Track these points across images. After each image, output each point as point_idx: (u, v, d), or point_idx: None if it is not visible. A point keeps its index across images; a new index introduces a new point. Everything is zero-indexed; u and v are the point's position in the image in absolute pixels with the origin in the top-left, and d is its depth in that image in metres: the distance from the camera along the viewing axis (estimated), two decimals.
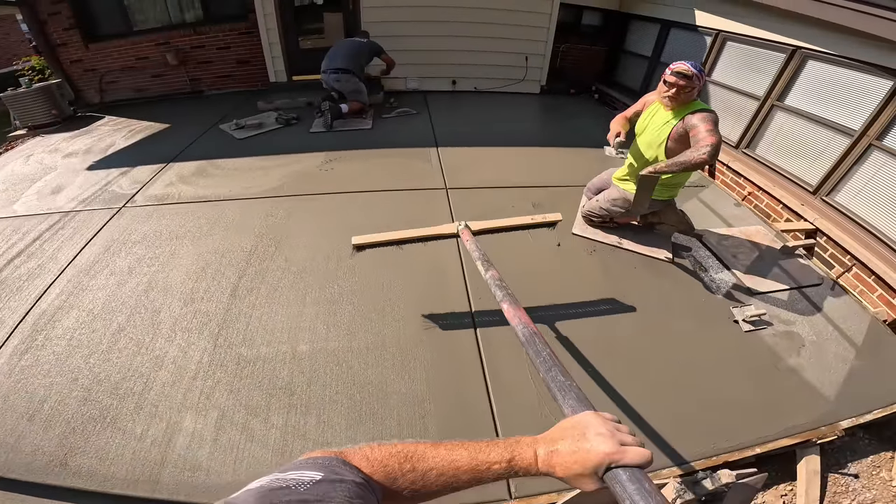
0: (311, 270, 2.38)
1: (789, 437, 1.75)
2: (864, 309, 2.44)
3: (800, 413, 1.83)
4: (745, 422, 1.77)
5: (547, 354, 0.83)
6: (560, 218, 2.34)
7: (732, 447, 1.68)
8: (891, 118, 2.61)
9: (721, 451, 1.66)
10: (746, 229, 2.99)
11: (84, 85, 5.37)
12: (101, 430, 1.59)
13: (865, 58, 2.74)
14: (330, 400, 1.75)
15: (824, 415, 1.83)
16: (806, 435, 1.76)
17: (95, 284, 2.28)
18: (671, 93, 2.13)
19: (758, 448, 1.69)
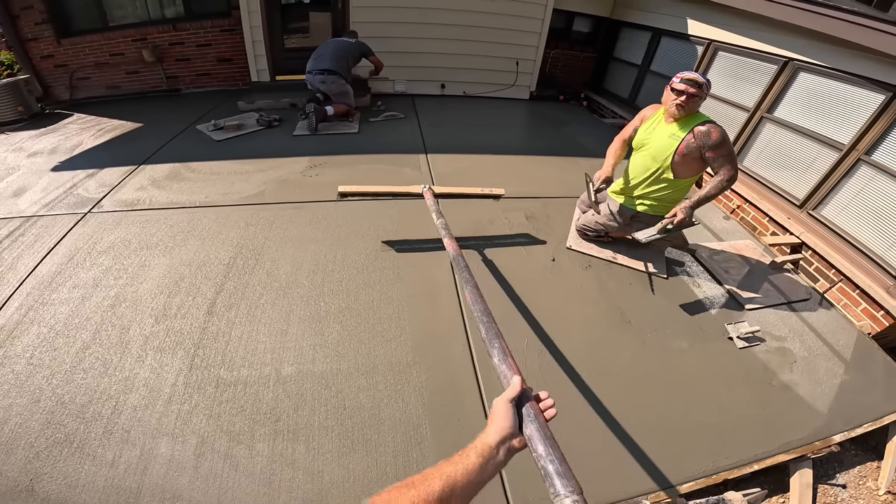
0: (296, 285, 2.25)
1: (785, 452, 1.78)
2: (850, 324, 2.49)
3: (795, 429, 1.85)
4: (743, 439, 1.78)
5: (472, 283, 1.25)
6: (503, 192, 2.65)
7: (731, 465, 1.69)
8: (881, 133, 2.65)
9: (721, 469, 1.67)
10: (736, 243, 3.00)
11: (54, 81, 5.08)
12: (69, 456, 1.48)
13: (858, 71, 2.77)
14: (319, 426, 1.64)
15: (818, 430, 1.87)
16: (801, 450, 1.80)
17: (57, 298, 2.09)
18: (681, 100, 2.08)
19: (756, 465, 1.72)
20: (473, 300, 1.12)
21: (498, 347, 0.89)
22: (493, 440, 0.64)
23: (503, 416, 0.68)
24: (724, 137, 2.08)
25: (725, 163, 2.11)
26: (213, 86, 5.44)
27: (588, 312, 2.29)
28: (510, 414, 0.69)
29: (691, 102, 2.09)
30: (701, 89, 2.07)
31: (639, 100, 5.19)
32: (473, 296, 1.14)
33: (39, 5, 4.59)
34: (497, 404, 0.71)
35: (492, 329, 0.92)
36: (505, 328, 2.06)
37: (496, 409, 0.70)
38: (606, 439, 1.71)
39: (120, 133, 4.11)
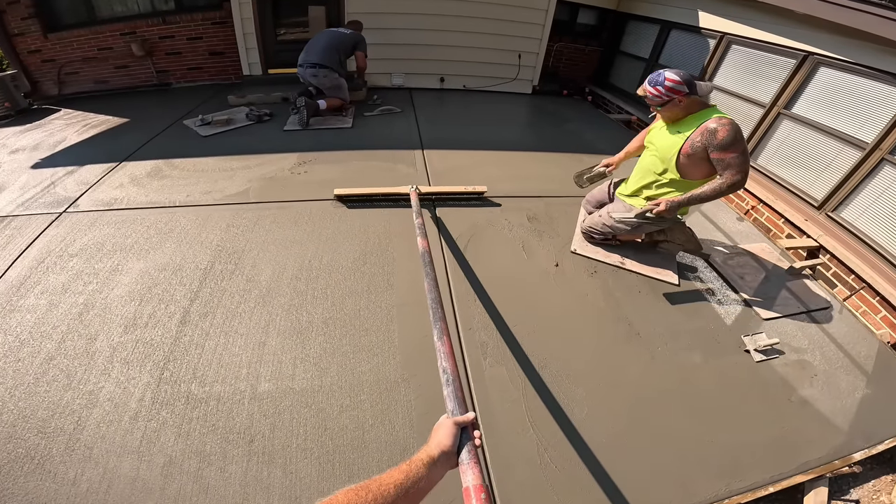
0: (277, 293, 2.09)
1: (803, 473, 1.66)
2: (872, 334, 2.35)
3: (813, 447, 1.73)
4: (760, 460, 1.66)
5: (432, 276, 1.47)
6: (485, 189, 2.91)
7: (746, 487, 1.57)
8: None
9: (734, 493, 1.55)
10: (751, 247, 2.83)
11: (41, 76, 4.96)
12: (30, 472, 1.40)
13: (885, 66, 2.60)
14: (298, 448, 1.50)
15: (838, 448, 1.75)
16: (819, 470, 1.68)
17: (24, 305, 1.95)
18: (652, 107, 2.02)
19: (771, 487, 1.60)
20: (429, 289, 1.32)
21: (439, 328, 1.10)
22: (435, 453, 0.71)
23: (448, 434, 0.75)
24: (733, 138, 1.85)
25: (731, 167, 1.89)
26: (205, 80, 5.30)
27: (593, 323, 2.12)
28: (454, 434, 0.76)
29: (663, 105, 1.96)
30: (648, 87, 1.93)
31: None
32: (429, 286, 1.34)
33: (26, 0, 4.47)
34: (445, 422, 0.79)
35: (437, 313, 1.16)
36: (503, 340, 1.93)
37: (444, 426, 0.77)
38: (611, 460, 1.59)
39: (106, 128, 3.95)
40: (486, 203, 2.91)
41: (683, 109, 1.97)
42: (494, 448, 1.56)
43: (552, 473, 1.51)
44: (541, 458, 1.55)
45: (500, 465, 1.52)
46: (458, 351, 1.88)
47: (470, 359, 1.85)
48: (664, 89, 1.90)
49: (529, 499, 1.45)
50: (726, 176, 1.91)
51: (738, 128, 1.86)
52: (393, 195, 2.74)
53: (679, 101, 1.92)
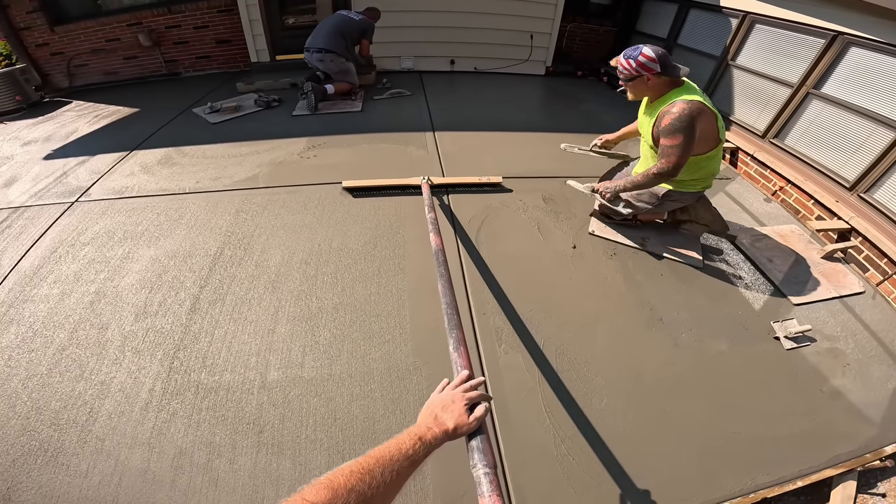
0: (286, 278, 2.06)
1: (833, 467, 1.59)
2: None
3: (845, 441, 1.65)
4: (788, 452, 1.59)
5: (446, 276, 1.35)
6: (500, 180, 2.74)
7: (773, 482, 1.51)
8: None
9: (760, 487, 1.48)
10: (780, 229, 2.69)
11: (51, 69, 4.99)
12: (44, 465, 1.39)
13: None
14: (307, 439, 1.48)
15: (869, 441, 1.66)
16: (850, 464, 1.60)
17: (38, 294, 1.96)
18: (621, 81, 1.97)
19: (799, 481, 1.53)
20: (443, 292, 1.24)
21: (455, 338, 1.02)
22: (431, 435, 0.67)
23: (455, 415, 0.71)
24: (675, 127, 1.80)
25: (665, 155, 1.87)
26: (213, 68, 5.26)
27: (613, 308, 2.03)
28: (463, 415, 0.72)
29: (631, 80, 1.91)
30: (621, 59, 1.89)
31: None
32: (444, 289, 1.26)
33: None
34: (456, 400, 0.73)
35: (453, 320, 1.08)
36: (518, 326, 1.84)
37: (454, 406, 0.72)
38: (630, 452, 1.52)
39: (116, 119, 3.97)
40: (498, 186, 2.80)
41: (651, 89, 1.91)
42: (509, 438, 1.51)
43: (569, 466, 1.46)
44: (557, 450, 1.49)
45: (514, 456, 1.47)
46: (472, 337, 1.82)
47: (484, 345, 1.79)
48: (636, 64, 1.84)
49: (545, 491, 1.40)
50: (659, 163, 1.90)
51: (687, 116, 1.79)
52: (403, 186, 2.66)
53: (647, 80, 1.87)
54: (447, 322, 1.08)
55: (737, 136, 3.80)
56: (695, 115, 1.78)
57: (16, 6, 4.55)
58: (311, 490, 0.49)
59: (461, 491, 1.35)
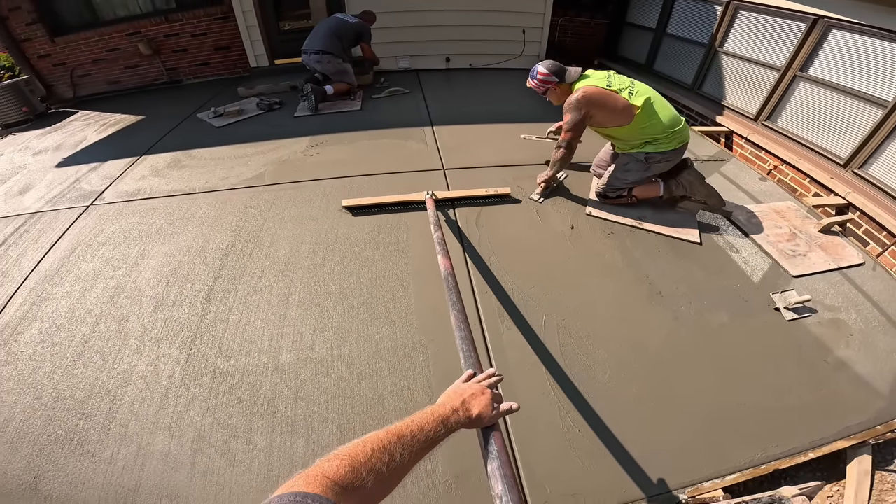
0: (295, 266, 2.13)
1: (844, 438, 1.58)
2: None
3: (854, 412, 1.64)
4: (797, 424, 1.58)
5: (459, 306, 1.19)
6: (509, 191, 2.62)
7: (784, 453, 1.50)
8: None
9: (771, 458, 1.48)
10: (776, 205, 2.72)
11: (55, 80, 5.11)
12: (70, 453, 1.45)
13: None
14: (319, 417, 1.54)
15: (879, 412, 1.64)
16: (861, 436, 1.59)
17: (59, 292, 2.05)
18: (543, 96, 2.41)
19: (811, 453, 1.52)
20: (457, 325, 1.11)
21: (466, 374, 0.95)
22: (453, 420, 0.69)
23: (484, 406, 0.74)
24: (568, 106, 2.22)
25: (564, 127, 2.31)
26: (214, 75, 5.37)
27: (612, 283, 2.08)
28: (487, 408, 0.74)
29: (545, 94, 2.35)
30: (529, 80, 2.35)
31: (657, 64, 4.84)
32: (457, 321, 1.13)
33: (27, 5, 4.58)
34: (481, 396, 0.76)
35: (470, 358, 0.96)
36: (520, 303, 1.90)
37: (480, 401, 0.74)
38: (636, 423, 1.55)
39: (123, 126, 4.08)
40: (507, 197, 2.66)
41: (563, 94, 2.31)
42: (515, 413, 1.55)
43: (575, 437, 1.49)
44: (563, 422, 1.53)
45: (521, 429, 1.51)
46: (475, 316, 1.88)
47: (487, 322, 1.85)
48: (538, 81, 2.29)
49: (552, 463, 1.43)
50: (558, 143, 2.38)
51: (574, 101, 2.21)
52: (406, 202, 2.52)
53: (554, 89, 2.31)
54: (463, 360, 0.96)
55: (730, 119, 3.85)
56: (580, 99, 2.20)
57: (15, 18, 4.64)
58: (331, 465, 0.48)
59: (469, 465, 1.39)
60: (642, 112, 2.19)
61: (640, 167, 2.37)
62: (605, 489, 1.37)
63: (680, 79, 4.44)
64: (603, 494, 1.36)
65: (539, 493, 1.35)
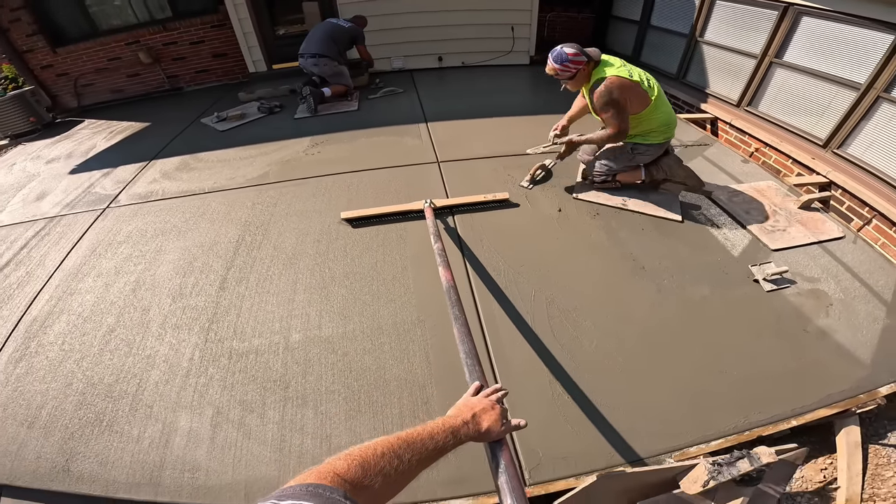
0: (301, 255, 2.28)
1: (827, 406, 1.61)
2: (889, 263, 2.26)
3: (835, 380, 1.68)
4: (778, 392, 1.63)
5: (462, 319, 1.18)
6: (507, 196, 2.61)
7: (766, 420, 1.55)
8: None
9: (754, 425, 1.53)
10: (757, 185, 2.84)
11: (59, 90, 5.25)
12: (100, 434, 1.55)
13: (863, 13, 2.62)
14: (326, 390, 1.66)
15: (861, 381, 1.68)
16: (844, 404, 1.62)
17: (83, 287, 2.20)
18: (559, 80, 2.29)
19: (794, 420, 1.56)
20: (460, 338, 1.10)
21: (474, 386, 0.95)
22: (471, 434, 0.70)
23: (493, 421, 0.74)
24: (605, 99, 2.15)
25: (608, 124, 2.26)
26: (213, 81, 5.51)
27: (598, 260, 2.21)
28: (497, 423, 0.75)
29: (569, 81, 2.26)
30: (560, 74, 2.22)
31: (643, 55, 4.97)
32: (461, 334, 1.12)
33: (27, 17, 4.69)
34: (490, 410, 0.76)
35: (475, 372, 0.96)
36: (510, 280, 2.05)
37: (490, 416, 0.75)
38: (623, 390, 1.63)
39: (130, 133, 4.25)
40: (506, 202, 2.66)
41: (587, 77, 2.25)
42: (507, 382, 1.65)
43: (564, 405, 1.56)
44: (553, 391, 1.61)
45: (513, 398, 1.59)
46: (469, 294, 2.02)
47: (480, 300, 1.98)
48: (571, 63, 2.17)
49: (544, 430, 1.50)
50: (607, 131, 2.30)
51: (604, 91, 2.15)
52: (405, 212, 2.50)
53: (584, 70, 2.20)
54: (468, 373, 0.96)
55: (714, 106, 3.97)
56: (613, 89, 2.14)
57: (16, 30, 4.75)
58: (342, 464, 0.49)
59: None
60: (653, 104, 2.25)
61: (625, 157, 2.49)
62: (594, 453, 1.44)
63: (665, 69, 4.56)
64: (592, 458, 1.43)
65: (532, 457, 1.44)
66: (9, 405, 1.67)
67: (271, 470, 1.44)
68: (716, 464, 1.29)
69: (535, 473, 1.40)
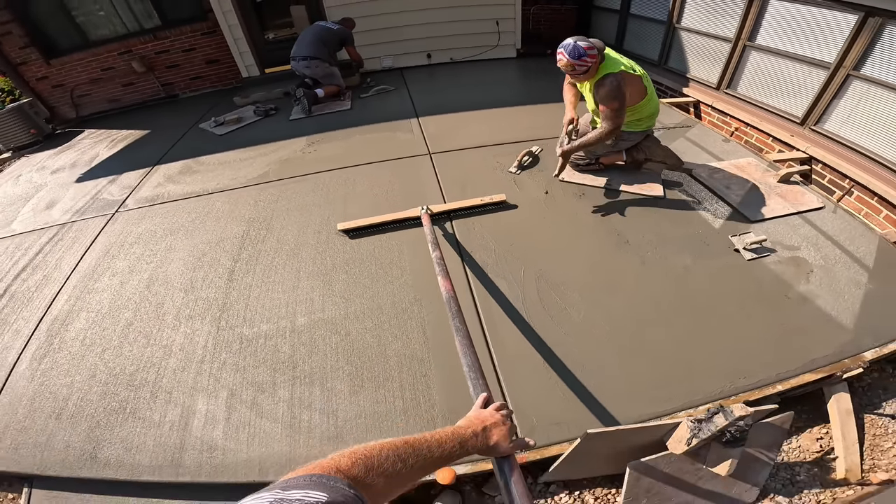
0: (303, 246, 2.41)
1: (811, 371, 1.62)
2: (870, 230, 2.31)
3: (819, 345, 1.71)
4: (762, 357, 1.68)
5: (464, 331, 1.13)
6: (504, 198, 2.58)
7: (752, 385, 1.59)
8: (863, 49, 2.61)
9: (740, 391, 1.57)
10: (737, 162, 2.95)
11: (56, 101, 5.30)
12: (124, 421, 1.65)
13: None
14: (332, 368, 1.76)
15: (845, 345, 1.71)
16: (829, 369, 1.63)
17: (100, 286, 2.31)
18: (570, 75, 2.29)
19: (779, 385, 1.58)
20: (462, 352, 1.07)
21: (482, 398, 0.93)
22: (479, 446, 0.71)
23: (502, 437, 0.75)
24: (609, 94, 2.16)
25: (606, 118, 2.24)
26: (208, 87, 5.59)
27: (584, 237, 2.33)
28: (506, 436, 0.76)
29: (580, 74, 2.23)
30: (575, 68, 2.18)
31: (626, 43, 5.06)
32: (463, 347, 1.09)
33: (18, 30, 4.73)
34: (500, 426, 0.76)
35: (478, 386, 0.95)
36: (500, 258, 2.18)
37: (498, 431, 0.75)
38: (610, 357, 1.70)
39: (131, 141, 4.36)
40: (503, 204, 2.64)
41: (596, 70, 2.23)
42: (500, 352, 1.76)
43: (555, 373, 1.64)
44: (544, 358, 1.70)
45: (506, 366, 1.70)
46: (462, 270, 2.15)
47: (472, 276, 2.11)
48: (588, 58, 2.15)
49: (536, 396, 1.59)
50: (604, 125, 2.28)
51: (615, 86, 2.17)
52: (402, 220, 2.47)
53: (596, 65, 2.20)
54: (472, 388, 0.94)
55: (695, 90, 4.08)
56: (622, 84, 2.17)
57: (8, 43, 4.78)
58: (346, 461, 0.50)
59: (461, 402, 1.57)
60: (648, 96, 2.34)
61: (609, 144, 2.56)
62: (585, 419, 1.51)
63: (648, 56, 4.66)
64: (583, 423, 1.47)
65: (527, 423, 1.52)
66: (36, 398, 1.76)
67: (283, 446, 1.52)
68: (695, 421, 1.33)
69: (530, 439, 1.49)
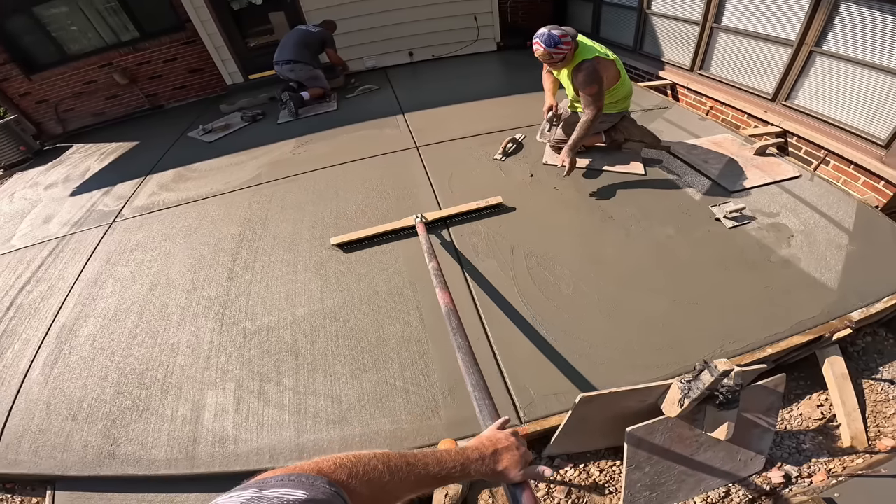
0: (299, 241, 2.49)
1: (800, 333, 1.64)
2: (848, 196, 2.37)
3: (805, 307, 1.74)
4: (750, 321, 1.71)
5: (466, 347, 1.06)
6: (500, 200, 2.52)
7: (742, 349, 1.62)
8: (821, 27, 2.74)
9: (730, 354, 1.60)
10: (714, 138, 3.05)
11: (41, 117, 5.28)
12: (138, 418, 1.70)
13: None
14: (333, 354, 1.82)
15: (831, 306, 1.73)
16: (817, 330, 1.65)
17: (104, 293, 2.37)
18: (548, 64, 2.30)
19: (769, 348, 1.60)
20: (466, 369, 0.98)
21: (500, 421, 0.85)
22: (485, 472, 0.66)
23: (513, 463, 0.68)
24: (587, 79, 2.20)
25: (587, 104, 2.30)
26: (193, 96, 5.58)
27: (569, 215, 2.43)
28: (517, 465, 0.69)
29: (557, 63, 2.25)
30: (552, 56, 2.19)
31: (602, 31, 5.17)
32: (466, 365, 1.00)
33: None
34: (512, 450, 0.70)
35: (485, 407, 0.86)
36: (489, 240, 2.28)
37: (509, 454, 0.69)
38: (601, 327, 1.76)
39: (121, 153, 4.39)
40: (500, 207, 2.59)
41: (572, 57, 2.27)
42: (496, 326, 1.83)
43: (548, 345, 1.71)
44: (537, 331, 1.77)
45: (501, 340, 1.76)
46: (453, 252, 2.23)
47: (463, 256, 2.19)
48: (564, 46, 2.18)
49: (532, 369, 1.64)
50: (586, 112, 2.33)
51: (592, 70, 2.21)
52: (397, 230, 2.41)
53: (572, 52, 2.23)
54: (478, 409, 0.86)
55: (671, 73, 4.19)
56: (598, 69, 2.23)
57: None
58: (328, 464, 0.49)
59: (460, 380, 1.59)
60: (621, 80, 2.42)
61: None
62: (580, 389, 1.55)
63: (623, 42, 4.77)
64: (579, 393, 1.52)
65: (524, 395, 1.57)
66: (51, 402, 1.81)
67: (290, 432, 1.58)
68: (683, 381, 1.34)
69: (529, 411, 1.54)
